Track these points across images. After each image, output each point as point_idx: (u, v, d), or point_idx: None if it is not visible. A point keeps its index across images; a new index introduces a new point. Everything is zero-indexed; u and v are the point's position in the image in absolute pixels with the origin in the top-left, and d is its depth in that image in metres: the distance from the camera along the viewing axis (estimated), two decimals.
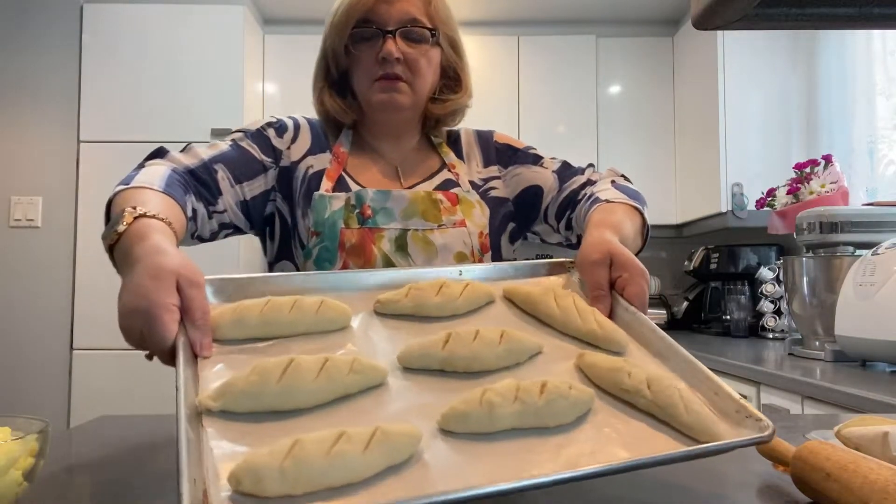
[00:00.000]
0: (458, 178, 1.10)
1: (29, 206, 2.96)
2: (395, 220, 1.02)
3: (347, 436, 0.48)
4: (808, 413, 1.48)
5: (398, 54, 1.01)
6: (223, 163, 0.99)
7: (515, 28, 3.40)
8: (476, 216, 1.06)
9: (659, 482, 0.60)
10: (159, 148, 0.96)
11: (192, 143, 1.01)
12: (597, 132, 3.36)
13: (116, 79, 2.98)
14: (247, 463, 0.45)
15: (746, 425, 0.56)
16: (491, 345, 0.63)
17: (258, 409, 0.53)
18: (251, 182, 1.02)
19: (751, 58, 2.87)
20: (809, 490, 0.54)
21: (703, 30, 0.59)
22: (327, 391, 0.55)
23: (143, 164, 0.92)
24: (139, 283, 0.61)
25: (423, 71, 1.04)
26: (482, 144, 1.17)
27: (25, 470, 0.49)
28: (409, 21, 1.02)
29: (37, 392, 2.89)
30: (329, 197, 1.01)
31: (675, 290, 3.54)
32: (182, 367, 0.55)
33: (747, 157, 2.84)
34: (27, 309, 2.93)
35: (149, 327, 0.59)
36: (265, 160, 1.04)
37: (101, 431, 0.84)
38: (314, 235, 1.00)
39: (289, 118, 1.11)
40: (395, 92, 1.03)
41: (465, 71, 1.13)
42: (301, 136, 1.09)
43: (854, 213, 1.85)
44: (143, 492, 0.58)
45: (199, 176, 0.95)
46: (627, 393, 0.59)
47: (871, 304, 1.54)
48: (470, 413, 0.53)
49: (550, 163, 1.15)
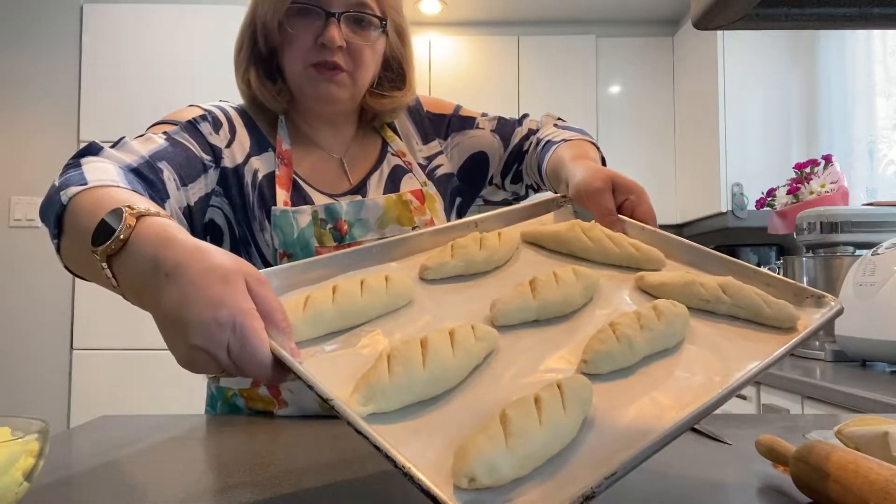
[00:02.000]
0: (408, 166, 1.03)
1: (29, 206, 2.96)
2: (371, 231, 0.95)
3: (543, 400, 0.45)
4: (808, 413, 1.48)
5: (341, 42, 0.89)
6: (167, 160, 0.81)
7: (515, 28, 3.40)
8: (439, 211, 1.01)
9: (659, 482, 0.60)
10: (89, 144, 0.75)
11: (123, 138, 0.81)
12: (597, 132, 3.36)
13: (116, 79, 2.98)
14: (475, 454, 0.41)
15: (809, 304, 0.61)
16: (573, 285, 0.63)
17: (410, 402, 0.49)
18: (194, 185, 0.86)
19: (751, 58, 2.87)
20: (809, 490, 0.54)
21: (703, 30, 0.59)
22: (465, 365, 0.52)
23: (77, 161, 0.71)
24: (205, 292, 0.49)
25: (367, 62, 0.94)
26: (415, 119, 1.07)
27: (25, 470, 0.49)
28: (357, 4, 0.91)
29: (37, 392, 2.89)
30: (292, 212, 0.91)
31: None
32: (307, 372, 0.48)
33: (747, 157, 2.84)
34: (27, 309, 2.93)
35: (241, 341, 0.48)
36: (204, 158, 0.89)
37: (101, 431, 0.84)
38: (285, 257, 0.90)
39: (215, 107, 0.96)
40: (333, 84, 0.92)
41: (411, 65, 1.03)
42: (238, 132, 0.95)
43: (854, 213, 1.85)
44: (144, 492, 0.58)
45: (145, 175, 0.77)
46: (707, 303, 0.62)
47: (871, 304, 1.54)
48: (613, 352, 0.54)
49: (485, 122, 1.09)
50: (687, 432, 0.81)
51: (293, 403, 0.94)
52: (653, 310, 0.58)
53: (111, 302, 2.91)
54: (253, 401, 0.96)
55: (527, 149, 1.07)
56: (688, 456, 0.72)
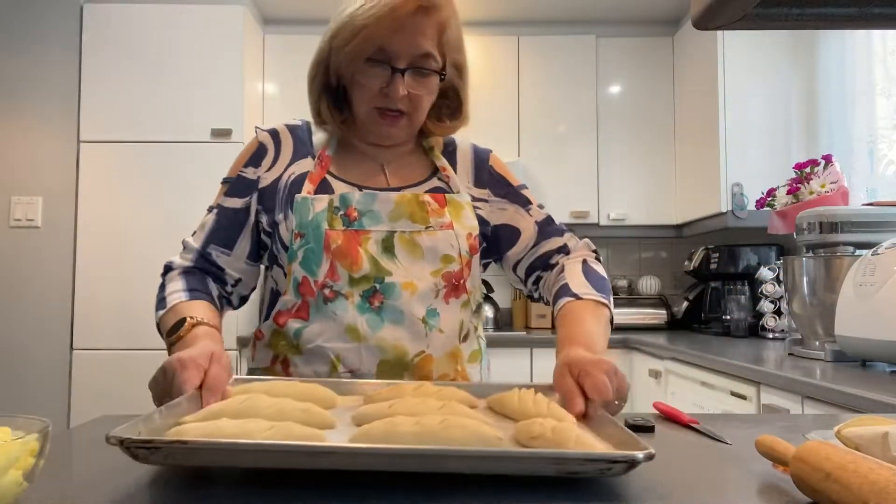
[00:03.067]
0: (449, 182, 1.11)
1: (29, 206, 2.96)
2: (381, 223, 1.02)
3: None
4: (808, 413, 1.48)
5: (404, 93, 1.00)
6: (213, 242, 1.05)
7: (515, 28, 3.40)
8: (465, 218, 1.06)
9: (659, 482, 0.60)
10: (165, 264, 1.06)
11: (184, 239, 1.08)
12: (597, 132, 3.36)
13: (116, 79, 2.98)
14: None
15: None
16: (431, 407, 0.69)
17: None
18: (241, 238, 1.07)
19: (751, 58, 2.87)
20: (809, 490, 0.54)
21: (703, 30, 0.59)
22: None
23: (162, 283, 1.03)
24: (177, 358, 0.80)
25: (425, 104, 1.04)
26: (477, 163, 1.16)
27: (25, 470, 0.49)
28: (421, 56, 1.00)
29: (37, 392, 2.89)
30: (311, 199, 1.01)
31: (675, 290, 3.54)
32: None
33: (747, 157, 2.84)
34: (27, 309, 2.93)
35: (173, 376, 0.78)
36: (245, 201, 1.07)
37: (101, 431, 0.84)
38: (298, 237, 1.00)
39: (268, 132, 1.10)
40: (394, 128, 1.04)
41: (467, 95, 1.11)
42: (283, 150, 1.09)
43: (854, 213, 1.85)
44: (144, 492, 0.58)
45: (201, 268, 1.05)
46: (534, 440, 0.63)
47: (871, 304, 1.54)
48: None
49: (536, 212, 1.15)
50: (687, 432, 0.81)
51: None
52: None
53: (111, 302, 2.93)
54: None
55: (553, 263, 1.12)
56: (688, 456, 0.72)
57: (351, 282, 0.99)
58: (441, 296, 1.03)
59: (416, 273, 1.01)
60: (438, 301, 1.02)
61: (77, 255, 2.94)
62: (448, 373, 1.02)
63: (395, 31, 0.97)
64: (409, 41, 0.98)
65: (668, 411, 0.90)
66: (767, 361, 1.89)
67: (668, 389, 2.44)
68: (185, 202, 2.91)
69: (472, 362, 1.07)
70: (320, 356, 0.99)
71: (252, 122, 3.11)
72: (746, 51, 2.87)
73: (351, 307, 0.99)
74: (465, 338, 1.06)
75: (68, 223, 2.95)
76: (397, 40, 0.98)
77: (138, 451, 0.54)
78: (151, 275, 1.13)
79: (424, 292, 1.01)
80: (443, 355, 1.02)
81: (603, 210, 3.35)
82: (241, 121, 2.98)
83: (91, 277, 2.92)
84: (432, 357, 1.00)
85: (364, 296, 0.99)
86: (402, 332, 0.99)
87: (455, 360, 1.03)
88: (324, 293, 0.99)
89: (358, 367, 0.98)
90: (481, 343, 1.12)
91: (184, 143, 2.97)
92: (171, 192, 2.94)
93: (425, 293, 1.01)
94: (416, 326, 1.00)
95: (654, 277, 3.51)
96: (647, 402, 2.64)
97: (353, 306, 0.99)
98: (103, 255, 2.93)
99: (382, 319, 0.99)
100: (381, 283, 1.00)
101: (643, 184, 3.37)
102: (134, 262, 2.89)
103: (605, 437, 0.64)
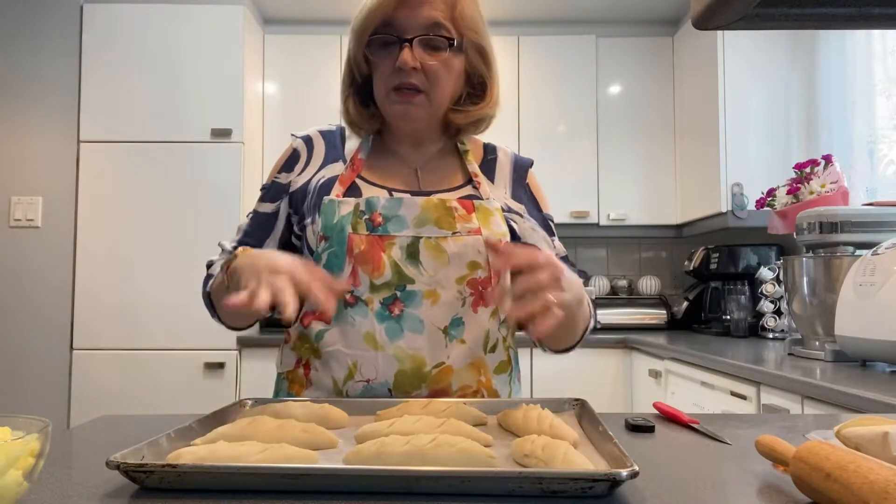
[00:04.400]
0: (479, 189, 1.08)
1: (29, 206, 2.96)
2: (406, 228, 0.99)
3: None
4: (808, 413, 1.48)
5: (415, 63, 0.98)
6: (244, 244, 1.05)
7: (515, 28, 3.40)
8: (495, 224, 1.02)
9: (659, 482, 0.60)
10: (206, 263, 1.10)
11: (220, 241, 1.10)
12: (597, 132, 3.36)
13: (116, 79, 2.98)
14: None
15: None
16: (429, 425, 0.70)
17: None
18: (269, 240, 1.09)
19: (751, 58, 2.87)
20: (809, 490, 0.54)
21: (703, 30, 0.59)
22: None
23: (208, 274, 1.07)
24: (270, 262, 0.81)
25: (443, 81, 1.01)
26: (516, 177, 1.14)
27: (25, 470, 0.49)
28: (431, 27, 0.98)
29: (37, 392, 2.89)
30: (338, 202, 1.00)
31: (675, 290, 3.54)
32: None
33: (747, 157, 2.84)
34: (27, 309, 2.93)
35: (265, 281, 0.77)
36: (276, 206, 1.09)
37: (101, 431, 0.84)
38: (322, 240, 0.99)
39: (302, 138, 1.11)
40: (411, 104, 1.01)
41: (493, 80, 1.09)
42: (314, 153, 1.09)
43: (854, 213, 1.85)
44: (144, 492, 0.58)
45: None
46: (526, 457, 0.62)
47: (871, 304, 1.54)
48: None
49: (559, 247, 1.13)
50: (687, 432, 0.81)
51: (316, 382, 1.01)
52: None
53: (111, 302, 2.93)
54: (292, 383, 1.04)
55: None
56: (688, 456, 0.72)
57: (372, 288, 0.98)
58: (468, 304, 1.00)
59: (440, 280, 0.98)
60: (465, 310, 0.99)
61: (77, 255, 2.94)
62: (470, 384, 0.99)
63: (400, 4, 0.98)
64: (415, 13, 0.98)
65: (668, 411, 0.90)
66: (767, 361, 1.89)
67: (668, 389, 2.44)
68: (185, 202, 2.91)
69: (499, 373, 1.03)
70: (339, 361, 0.98)
71: (252, 123, 3.11)
72: (746, 51, 2.87)
73: (370, 314, 0.97)
74: (493, 348, 1.03)
75: (68, 223, 2.95)
76: (403, 13, 0.98)
77: (135, 474, 0.58)
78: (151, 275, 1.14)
79: (448, 301, 0.98)
80: (464, 366, 0.99)
81: (603, 210, 3.35)
82: (241, 121, 2.98)
83: (91, 277, 2.92)
84: (452, 368, 0.98)
85: (384, 303, 0.98)
86: (421, 341, 0.97)
87: (478, 370, 1.00)
88: (345, 298, 0.98)
89: (374, 377, 0.96)
90: (511, 354, 1.08)
91: (184, 143, 2.97)
92: (171, 192, 2.94)
93: (449, 302, 0.98)
94: (435, 336, 0.97)
95: (654, 277, 3.51)
96: (647, 402, 2.64)
97: (373, 313, 0.97)
98: (103, 255, 2.93)
99: (402, 328, 0.97)
100: (402, 290, 0.98)
101: (643, 184, 3.37)
102: (134, 262, 2.88)
103: (605, 455, 0.64)
